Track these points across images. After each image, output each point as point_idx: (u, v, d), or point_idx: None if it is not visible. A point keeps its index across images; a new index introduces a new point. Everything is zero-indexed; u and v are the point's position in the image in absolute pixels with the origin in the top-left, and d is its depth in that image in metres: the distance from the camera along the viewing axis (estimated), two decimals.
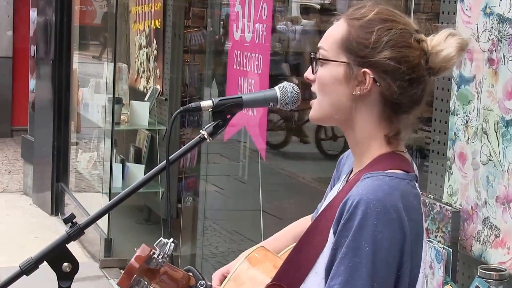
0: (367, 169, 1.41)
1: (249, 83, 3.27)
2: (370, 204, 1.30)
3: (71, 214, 1.44)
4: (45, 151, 6.05)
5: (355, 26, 1.42)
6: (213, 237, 4.30)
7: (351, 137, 1.46)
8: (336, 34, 1.44)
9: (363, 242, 1.30)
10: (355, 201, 1.31)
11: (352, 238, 1.30)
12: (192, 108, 1.46)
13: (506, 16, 1.84)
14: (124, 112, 4.95)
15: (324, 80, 1.43)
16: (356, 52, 1.40)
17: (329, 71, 1.43)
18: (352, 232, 1.30)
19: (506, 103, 1.85)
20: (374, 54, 1.39)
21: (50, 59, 6.05)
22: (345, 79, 1.41)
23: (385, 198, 1.32)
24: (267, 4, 3.20)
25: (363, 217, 1.30)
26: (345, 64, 1.41)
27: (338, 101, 1.42)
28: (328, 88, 1.43)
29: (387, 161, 1.41)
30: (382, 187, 1.33)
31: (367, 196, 1.31)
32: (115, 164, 4.87)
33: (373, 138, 1.43)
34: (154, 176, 1.48)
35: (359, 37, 1.41)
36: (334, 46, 1.43)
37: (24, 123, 7.32)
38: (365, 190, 1.33)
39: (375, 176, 1.36)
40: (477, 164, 1.94)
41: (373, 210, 1.30)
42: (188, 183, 4.83)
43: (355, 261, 1.30)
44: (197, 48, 5.05)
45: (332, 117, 1.45)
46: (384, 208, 1.31)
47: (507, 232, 1.84)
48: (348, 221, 1.32)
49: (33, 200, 6.34)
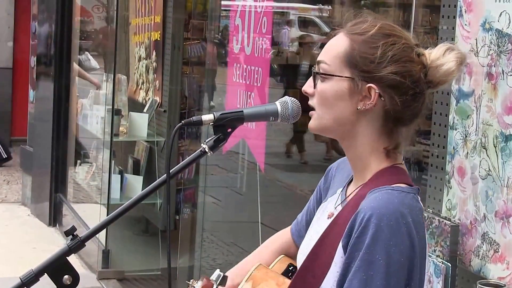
0: (372, 183, 1.41)
1: (249, 96, 3.28)
2: (383, 218, 1.31)
3: (72, 226, 1.43)
4: (44, 162, 6.05)
5: (358, 41, 1.42)
6: (211, 249, 4.30)
7: (351, 151, 1.46)
8: (338, 48, 1.43)
9: (377, 255, 1.31)
10: (368, 215, 1.32)
11: (366, 251, 1.31)
12: (193, 122, 1.46)
13: (505, 32, 1.85)
14: (123, 123, 4.96)
15: (327, 94, 1.43)
16: (361, 67, 1.41)
17: (332, 86, 1.42)
18: (366, 245, 1.31)
19: (505, 118, 1.86)
20: (379, 69, 1.40)
21: (49, 70, 6.06)
22: (349, 94, 1.41)
23: (396, 212, 1.33)
24: (267, 17, 3.22)
25: (377, 230, 1.31)
26: (349, 79, 1.41)
27: (340, 116, 1.43)
28: (330, 103, 1.43)
29: (391, 175, 1.42)
30: (392, 201, 1.34)
31: (379, 209, 1.32)
32: (113, 175, 4.87)
33: (375, 151, 1.44)
34: (154, 189, 1.48)
35: (363, 52, 1.41)
36: (337, 60, 1.42)
37: (23, 134, 7.32)
38: (377, 204, 1.33)
39: (384, 190, 1.37)
40: (476, 179, 1.95)
41: (386, 223, 1.31)
42: (186, 195, 4.84)
43: (369, 274, 1.31)
44: (196, 60, 5.07)
45: (332, 130, 1.45)
46: (396, 222, 1.32)
47: (506, 247, 1.85)
48: (361, 234, 1.32)
49: (31, 210, 6.34)
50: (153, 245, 4.87)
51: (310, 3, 6.09)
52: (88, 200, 5.71)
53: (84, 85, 6.09)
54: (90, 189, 5.69)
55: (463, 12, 2.00)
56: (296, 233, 1.66)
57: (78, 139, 6.02)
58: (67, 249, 1.41)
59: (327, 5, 5.66)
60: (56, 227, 5.93)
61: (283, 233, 1.71)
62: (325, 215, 1.52)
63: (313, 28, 6.49)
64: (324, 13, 6.08)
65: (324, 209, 1.55)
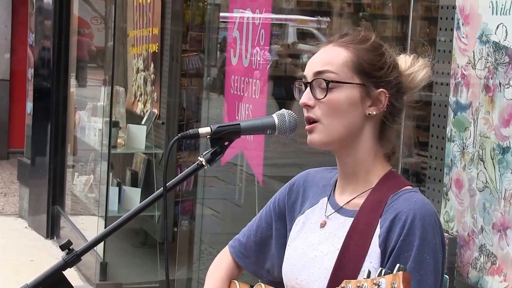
0: (383, 186, 1.45)
1: (247, 108, 3.28)
2: (425, 218, 1.38)
3: (68, 240, 1.43)
4: (41, 174, 6.04)
5: (361, 49, 1.46)
6: (209, 261, 4.26)
7: (352, 158, 1.47)
8: (341, 58, 1.46)
9: (425, 254, 1.37)
10: (411, 216, 1.37)
11: (417, 252, 1.36)
12: (190, 135, 1.46)
13: (502, 44, 1.86)
14: (121, 135, 4.96)
15: (339, 103, 1.45)
16: (370, 74, 1.45)
17: (344, 93, 1.45)
18: (416, 246, 1.36)
19: (502, 130, 1.86)
20: (388, 74, 1.46)
21: (47, 82, 6.07)
22: (361, 100, 1.45)
23: (434, 212, 1.41)
24: (264, 29, 3.22)
25: (424, 231, 1.37)
26: (361, 86, 1.45)
27: (351, 123, 1.45)
28: (343, 111, 1.45)
29: (397, 178, 1.48)
30: (425, 202, 1.42)
31: (420, 210, 1.38)
32: (111, 188, 4.86)
33: (377, 156, 1.48)
34: (151, 203, 1.48)
35: (370, 59, 1.46)
36: (345, 69, 1.45)
37: (20, 146, 7.32)
38: (415, 205, 1.39)
39: (410, 192, 1.44)
40: (474, 191, 1.95)
41: (429, 223, 1.38)
42: (185, 207, 4.83)
43: (422, 274, 1.36)
44: (194, 72, 5.07)
45: (339, 139, 1.46)
46: (436, 220, 1.40)
47: (503, 259, 1.84)
48: (408, 236, 1.37)
49: (29, 223, 6.32)
50: (151, 257, 4.85)
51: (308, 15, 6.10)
52: (86, 212, 5.70)
53: (82, 97, 6.09)
54: (88, 201, 5.68)
55: (461, 24, 2.00)
56: (240, 255, 1.66)
57: (76, 151, 6.01)
58: (62, 263, 1.41)
59: (325, 17, 5.68)
60: (54, 239, 5.91)
61: (221, 258, 1.71)
62: (313, 226, 1.51)
63: (312, 39, 6.51)
64: (322, 25, 6.09)
65: (306, 221, 1.54)
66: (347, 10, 5.34)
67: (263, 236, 1.64)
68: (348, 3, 5.37)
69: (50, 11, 6.03)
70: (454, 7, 2.02)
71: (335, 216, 1.50)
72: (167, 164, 1.51)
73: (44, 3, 6.19)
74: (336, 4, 5.46)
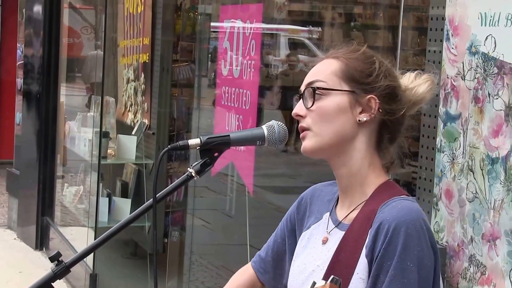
0: (377, 197, 1.43)
1: (237, 119, 3.28)
2: (409, 225, 1.35)
3: (57, 252, 1.43)
4: (31, 185, 6.01)
5: (351, 58, 1.48)
6: (200, 272, 4.27)
7: (346, 168, 1.47)
8: (330, 67, 1.48)
9: (408, 262, 1.34)
10: (393, 224, 1.35)
11: (398, 259, 1.34)
12: (179, 146, 1.46)
13: (491, 55, 1.87)
14: (111, 145, 4.94)
15: (327, 110, 1.45)
16: (359, 80, 1.46)
17: (332, 100, 1.45)
18: (398, 254, 1.34)
19: (492, 141, 1.86)
20: (377, 81, 1.46)
21: (36, 92, 6.05)
22: (350, 106, 1.45)
23: (419, 219, 1.38)
24: (255, 40, 3.23)
25: (406, 238, 1.34)
26: (350, 93, 1.45)
27: (341, 130, 1.45)
28: (331, 117, 1.45)
29: (392, 188, 1.46)
30: (412, 209, 1.39)
31: (404, 217, 1.36)
32: (101, 198, 4.84)
33: (372, 166, 1.47)
34: (141, 214, 1.47)
35: (359, 66, 1.47)
36: (334, 77, 1.46)
37: (9, 157, 7.28)
38: (399, 213, 1.37)
39: (398, 200, 1.41)
40: (463, 201, 1.95)
41: (413, 230, 1.35)
42: (175, 218, 4.81)
43: (404, 282, 1.34)
44: (185, 82, 5.07)
45: (330, 146, 1.46)
46: (421, 228, 1.36)
47: (493, 269, 1.85)
48: (389, 244, 1.35)
49: (18, 234, 6.28)
50: (142, 268, 4.83)
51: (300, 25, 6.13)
52: (76, 224, 5.67)
53: (72, 107, 6.08)
54: (78, 212, 5.65)
55: (450, 35, 2.01)
56: (260, 270, 1.67)
57: (66, 161, 5.99)
58: (52, 275, 1.40)
59: (317, 27, 5.71)
60: (43, 250, 5.88)
61: (244, 270, 1.71)
62: (317, 242, 1.52)
63: (303, 49, 6.53)
64: (314, 35, 6.12)
65: (310, 236, 1.55)
66: (338, 20, 5.37)
67: (279, 252, 1.65)
68: (340, 13, 5.40)
69: (40, 21, 6.01)
70: (444, 18, 2.04)
71: (335, 232, 1.50)
72: (157, 175, 1.51)
73: (33, 13, 6.17)
74: (328, 14, 5.49)
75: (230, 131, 2.23)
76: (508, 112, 1.81)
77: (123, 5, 5.09)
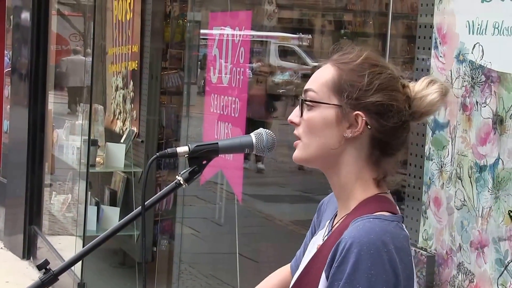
0: (356, 212, 1.41)
1: (226, 127, 3.28)
2: (363, 247, 1.30)
3: (45, 260, 1.42)
4: (18, 193, 5.97)
5: (346, 69, 1.44)
6: (189, 281, 4.25)
7: (335, 180, 1.46)
8: (325, 77, 1.45)
9: (357, 284, 1.29)
10: (348, 244, 1.31)
11: (347, 280, 1.30)
12: (168, 154, 1.46)
13: (478, 63, 1.88)
14: (99, 154, 4.92)
15: (314, 122, 1.43)
16: (348, 95, 1.42)
17: (320, 113, 1.43)
18: (347, 275, 1.30)
19: (480, 148, 1.87)
20: (366, 97, 1.41)
21: (24, 100, 6.02)
22: (336, 121, 1.42)
23: (378, 241, 1.32)
24: (244, 48, 3.23)
25: (357, 260, 1.30)
26: (337, 107, 1.42)
27: (327, 144, 1.43)
28: (317, 130, 1.43)
29: (374, 203, 1.42)
30: (374, 230, 1.33)
31: (360, 238, 1.31)
32: (89, 207, 4.82)
33: (359, 180, 1.44)
34: (129, 222, 1.46)
35: (351, 80, 1.42)
36: (325, 88, 1.44)
37: None
38: (358, 233, 1.33)
39: (366, 219, 1.36)
40: (452, 209, 1.96)
41: (367, 252, 1.30)
42: (164, 226, 4.79)
43: None
44: (174, 89, 5.06)
45: (318, 159, 1.45)
46: (377, 250, 1.31)
47: (481, 277, 1.85)
48: (341, 264, 1.31)
49: (5, 243, 6.23)
50: (130, 277, 4.80)
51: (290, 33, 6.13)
52: (64, 232, 5.64)
53: (60, 115, 6.05)
54: (66, 221, 5.62)
55: (438, 43, 2.02)
56: (295, 269, 1.66)
57: (54, 170, 5.96)
58: (39, 283, 1.40)
59: (307, 34, 5.71)
60: (30, 260, 5.83)
61: (283, 269, 1.72)
62: (315, 248, 1.52)
63: (293, 57, 6.54)
64: (304, 42, 6.13)
65: (314, 242, 1.55)
66: (328, 28, 5.38)
67: None
68: (329, 20, 5.41)
69: (28, 28, 5.99)
70: (432, 26, 2.04)
71: None
72: (146, 183, 1.50)
73: (21, 20, 6.15)
74: (318, 22, 5.50)
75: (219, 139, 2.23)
76: (495, 120, 1.82)
77: (112, 12, 5.08)
